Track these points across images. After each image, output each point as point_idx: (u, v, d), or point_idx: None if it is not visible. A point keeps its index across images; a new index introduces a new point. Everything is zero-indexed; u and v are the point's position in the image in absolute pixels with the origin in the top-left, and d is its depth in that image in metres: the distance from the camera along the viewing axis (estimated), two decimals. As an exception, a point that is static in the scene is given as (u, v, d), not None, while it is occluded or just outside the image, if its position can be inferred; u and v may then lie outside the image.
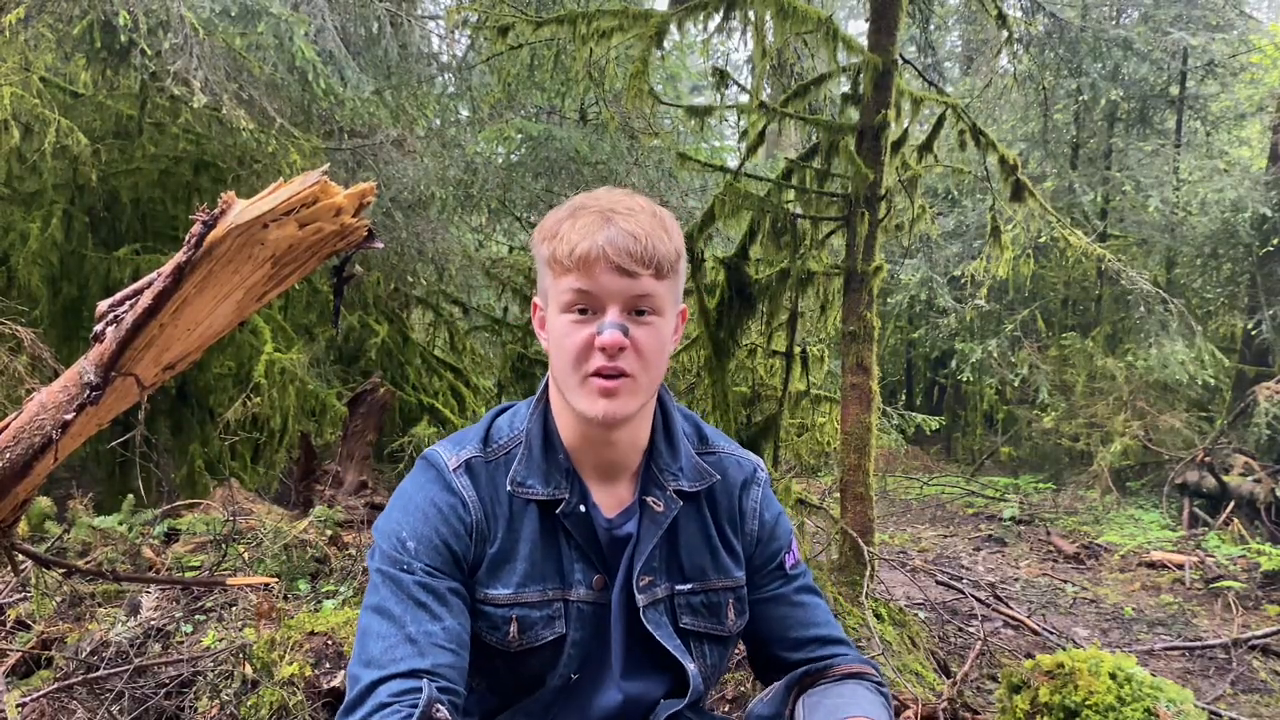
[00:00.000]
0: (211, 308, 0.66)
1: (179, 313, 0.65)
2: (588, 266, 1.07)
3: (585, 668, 1.20)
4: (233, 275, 0.63)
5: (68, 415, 0.68)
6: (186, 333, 0.66)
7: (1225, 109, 10.36)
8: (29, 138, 4.27)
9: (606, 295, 1.08)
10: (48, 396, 0.70)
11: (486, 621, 1.15)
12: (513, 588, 1.15)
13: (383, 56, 4.85)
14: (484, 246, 7.47)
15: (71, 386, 0.69)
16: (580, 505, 1.17)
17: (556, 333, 1.12)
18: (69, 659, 2.53)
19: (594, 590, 1.18)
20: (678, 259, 1.13)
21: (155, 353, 0.67)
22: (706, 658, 1.24)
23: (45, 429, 0.69)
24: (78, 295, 4.85)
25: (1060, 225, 4.80)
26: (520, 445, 1.19)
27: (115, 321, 0.67)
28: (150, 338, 0.66)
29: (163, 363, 0.69)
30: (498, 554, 1.15)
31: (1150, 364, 8.12)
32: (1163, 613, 5.40)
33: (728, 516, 1.26)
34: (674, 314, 1.16)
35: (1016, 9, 6.69)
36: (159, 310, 0.64)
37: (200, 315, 0.66)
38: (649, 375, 1.12)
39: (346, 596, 3.16)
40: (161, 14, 3.80)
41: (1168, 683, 2.31)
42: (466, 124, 6.09)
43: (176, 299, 0.63)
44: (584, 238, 1.07)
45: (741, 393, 4.89)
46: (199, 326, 0.67)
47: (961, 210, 10.41)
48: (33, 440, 0.70)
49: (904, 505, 9.25)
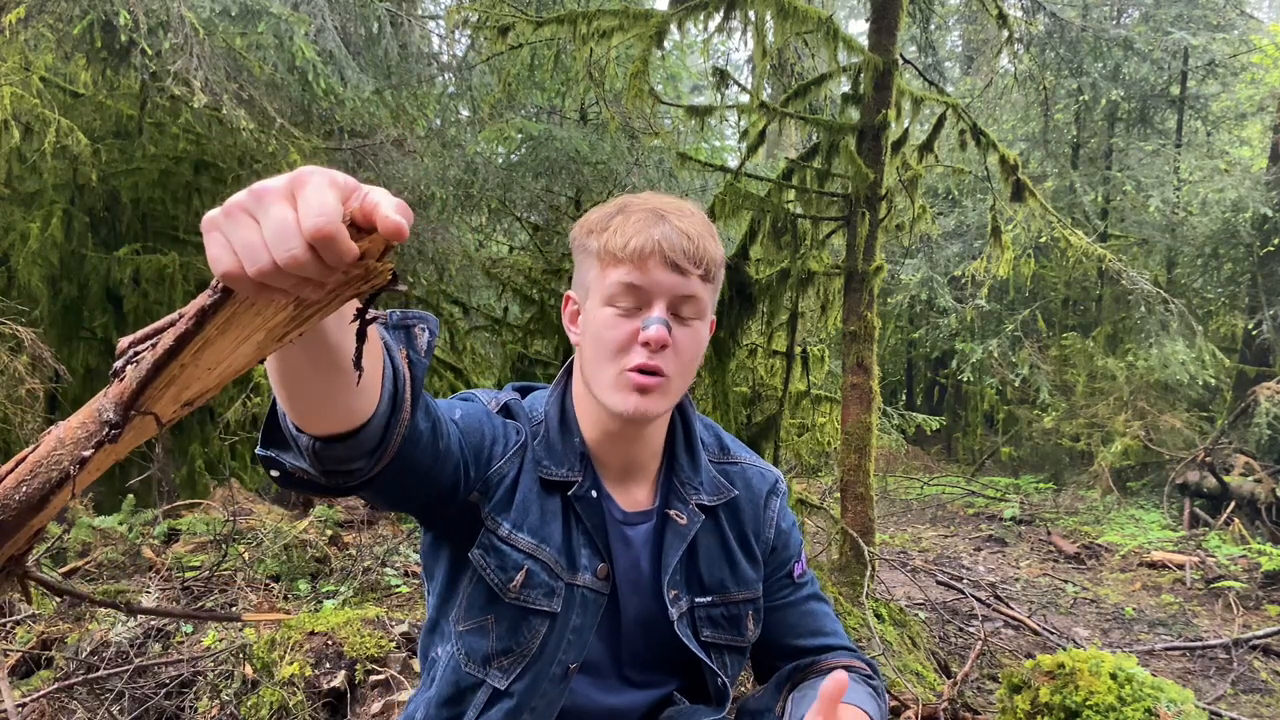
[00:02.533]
0: (233, 349, 0.66)
1: (200, 353, 0.65)
2: (641, 260, 1.07)
3: (589, 658, 1.18)
4: (255, 317, 0.63)
5: (86, 452, 0.69)
6: (207, 372, 0.67)
7: (1226, 109, 10.36)
8: (29, 138, 4.27)
9: (656, 290, 1.08)
10: (65, 432, 0.70)
11: (498, 559, 1.12)
12: (534, 538, 1.13)
13: (383, 56, 4.84)
14: (484, 246, 7.47)
15: (90, 423, 0.69)
16: (593, 490, 1.17)
17: (596, 324, 1.11)
18: (69, 659, 2.53)
19: (598, 579, 1.17)
20: (720, 265, 1.14)
21: (175, 391, 0.67)
22: (728, 669, 1.24)
23: (63, 464, 0.69)
24: (78, 295, 4.85)
25: (1061, 225, 4.80)
26: (540, 425, 1.19)
27: (135, 360, 0.67)
28: (170, 378, 0.66)
29: (181, 400, 0.69)
30: (522, 498, 1.14)
31: (1151, 364, 8.12)
32: (1163, 613, 5.39)
33: (753, 527, 1.26)
34: (709, 320, 1.16)
35: (1017, 9, 6.69)
36: (180, 351, 0.64)
37: (221, 356, 0.66)
38: (683, 379, 1.12)
39: (346, 597, 3.16)
40: (162, 14, 3.80)
41: (1168, 683, 2.31)
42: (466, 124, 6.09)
43: (198, 341, 0.63)
44: (639, 232, 1.08)
45: (742, 393, 4.88)
46: (219, 366, 0.67)
47: (962, 210, 10.41)
48: (50, 475, 0.70)
49: (904, 505, 9.25)
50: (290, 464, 0.88)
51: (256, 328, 0.64)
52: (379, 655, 2.48)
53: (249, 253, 0.53)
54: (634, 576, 1.20)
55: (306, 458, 0.85)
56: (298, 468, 0.87)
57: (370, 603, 3.09)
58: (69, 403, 4.68)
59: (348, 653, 2.46)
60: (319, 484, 0.89)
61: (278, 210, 0.53)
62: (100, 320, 4.97)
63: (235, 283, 0.55)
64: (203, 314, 0.61)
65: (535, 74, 5.73)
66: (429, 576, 1.25)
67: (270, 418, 0.87)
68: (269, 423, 0.87)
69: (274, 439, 0.88)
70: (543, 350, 5.87)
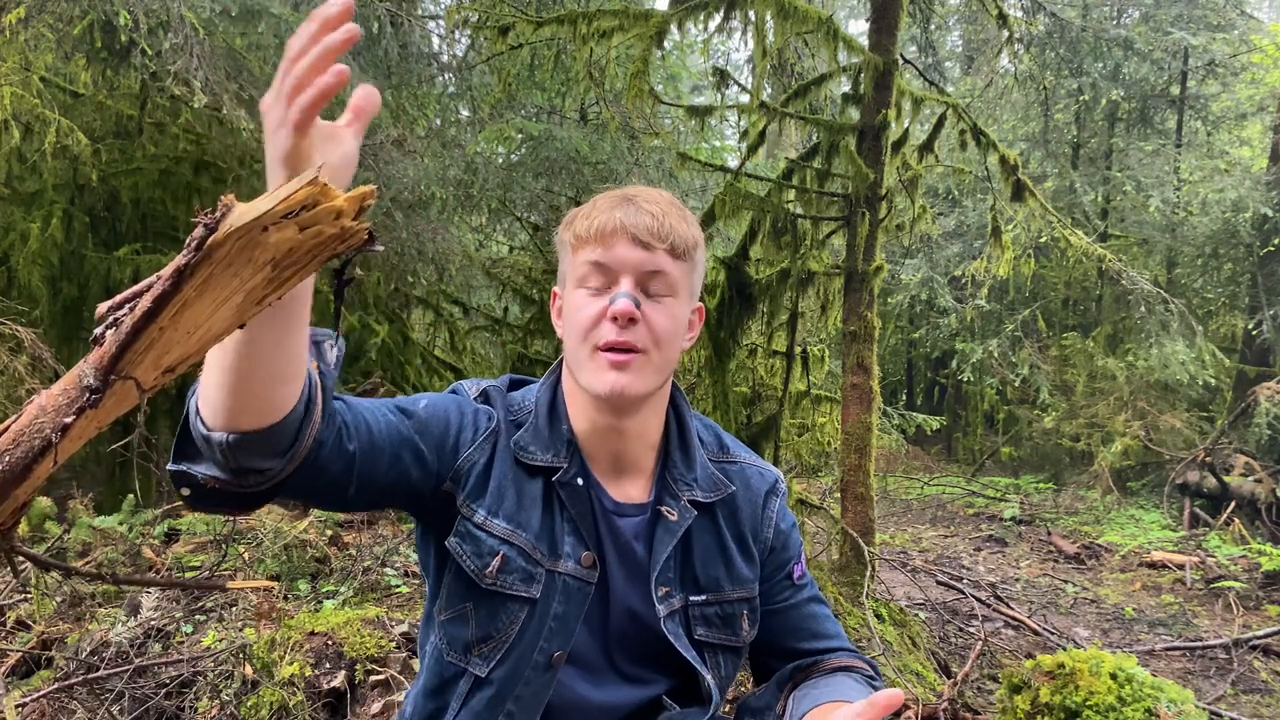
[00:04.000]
0: (211, 311, 0.65)
1: (179, 316, 0.64)
2: (604, 238, 1.10)
3: (578, 649, 1.18)
4: (232, 279, 0.63)
5: (67, 418, 0.68)
6: (186, 336, 0.66)
7: (1226, 109, 10.36)
8: (29, 138, 4.26)
9: (620, 266, 1.10)
10: (47, 400, 0.70)
11: (473, 545, 1.13)
12: (509, 524, 1.14)
13: (383, 56, 4.84)
14: (484, 246, 7.47)
15: (71, 390, 0.69)
16: (579, 478, 1.17)
17: (570, 308, 1.14)
18: (69, 659, 2.53)
19: (582, 567, 1.16)
20: (694, 246, 1.15)
21: (155, 356, 0.67)
22: (721, 668, 1.24)
23: (45, 432, 0.69)
24: (78, 295, 4.85)
25: (1061, 225, 4.80)
26: (530, 414, 1.20)
27: (115, 324, 0.66)
28: (150, 341, 0.65)
29: (162, 365, 0.68)
30: (496, 484, 1.15)
31: (1151, 364, 8.12)
32: (1163, 613, 5.39)
33: (750, 526, 1.26)
34: (689, 303, 1.17)
35: (1017, 9, 6.69)
36: (159, 313, 0.63)
37: (200, 319, 0.66)
38: (661, 355, 1.12)
39: (346, 596, 3.16)
40: (162, 14, 3.79)
41: (1168, 683, 2.31)
42: (467, 124, 6.09)
43: (176, 302, 0.63)
44: (603, 213, 1.12)
45: (742, 393, 4.88)
46: (199, 330, 0.67)
47: (962, 210, 10.41)
48: (32, 443, 0.69)
49: (904, 505, 9.25)
50: (202, 474, 0.91)
51: (235, 289, 0.64)
52: (379, 655, 2.48)
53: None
54: (626, 568, 1.19)
55: (219, 456, 0.88)
56: (209, 476, 0.90)
57: (370, 603, 3.09)
58: (69, 403, 4.68)
59: (348, 653, 2.47)
60: (229, 491, 0.91)
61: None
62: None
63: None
64: (179, 274, 0.61)
65: (535, 74, 5.73)
66: (424, 571, 1.26)
67: (182, 430, 0.91)
68: (180, 436, 0.91)
69: (184, 451, 0.92)
70: (543, 350, 5.87)
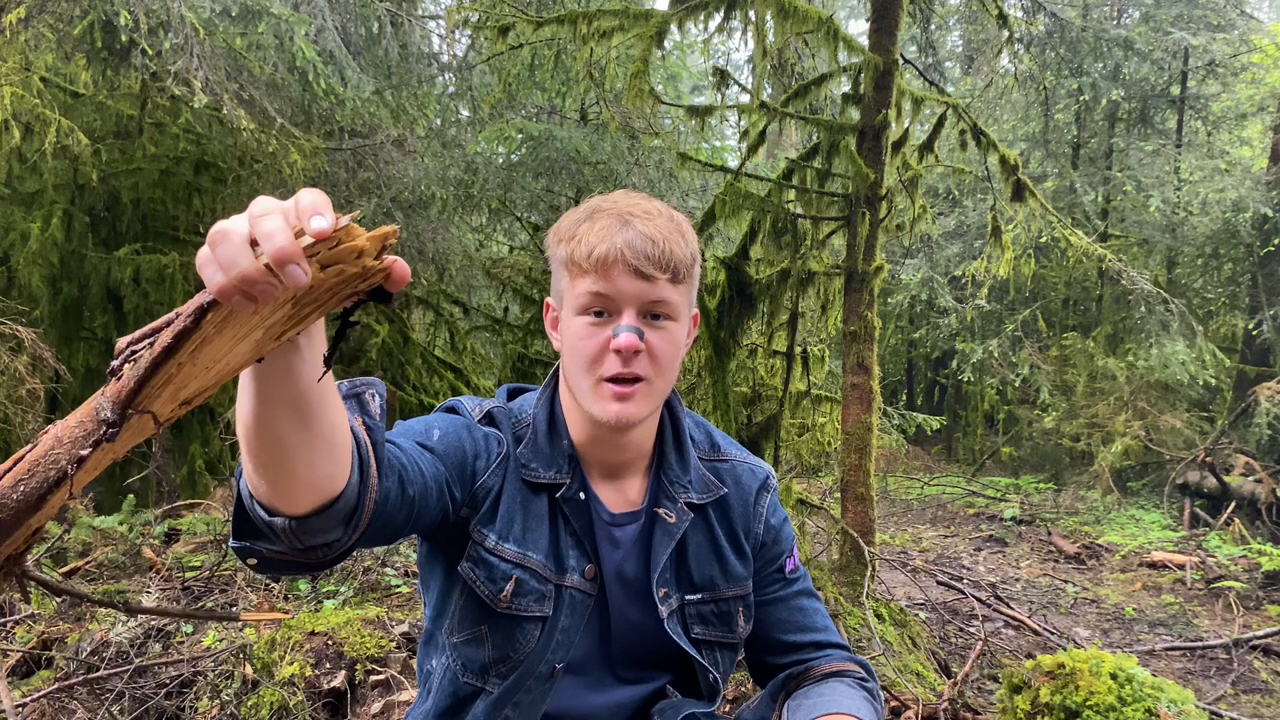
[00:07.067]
0: (230, 347, 0.66)
1: (198, 352, 0.65)
2: (605, 269, 1.07)
3: (576, 658, 1.19)
4: (253, 315, 0.64)
5: (83, 451, 0.69)
6: (204, 371, 0.67)
7: (1226, 109, 10.35)
8: (29, 138, 4.26)
9: (623, 298, 1.08)
10: (63, 430, 0.70)
11: (486, 571, 1.13)
12: (520, 547, 1.14)
13: (383, 56, 4.84)
14: (484, 246, 7.47)
15: (88, 422, 0.69)
16: (580, 493, 1.18)
17: (571, 335, 1.12)
18: (69, 659, 2.53)
19: (586, 579, 1.18)
20: (693, 263, 1.13)
21: (173, 390, 0.68)
22: (719, 665, 1.25)
23: (60, 464, 0.69)
24: (78, 295, 4.85)
25: (1061, 225, 4.80)
26: (528, 428, 1.20)
27: (133, 358, 0.67)
28: (168, 376, 0.66)
29: (179, 399, 0.69)
30: (506, 508, 1.15)
31: (1151, 364, 8.12)
32: (1164, 613, 5.39)
33: (742, 524, 1.26)
34: (688, 318, 1.16)
35: (1017, 9, 6.68)
36: (178, 350, 0.64)
37: (219, 354, 0.66)
38: (663, 380, 1.12)
39: (346, 597, 3.16)
40: (162, 14, 3.80)
41: (1169, 683, 2.30)
42: (467, 124, 6.09)
43: (196, 339, 0.63)
44: (602, 240, 1.07)
45: (742, 393, 4.88)
46: (217, 365, 0.67)
47: (962, 210, 10.41)
48: (47, 474, 0.70)
49: (905, 505, 9.25)
50: (268, 550, 0.87)
51: (254, 326, 0.65)
52: (379, 655, 2.48)
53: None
54: (622, 576, 1.21)
55: (284, 539, 0.84)
56: (275, 552, 0.86)
57: (370, 603, 3.09)
58: (69, 403, 4.68)
59: (348, 653, 2.46)
60: (299, 563, 0.88)
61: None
62: (100, 320, 4.97)
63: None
64: (201, 311, 0.62)
65: (535, 74, 5.73)
66: (425, 588, 1.26)
67: (238, 512, 0.86)
68: (237, 515, 0.86)
69: (245, 529, 0.87)
70: (543, 350, 5.88)
